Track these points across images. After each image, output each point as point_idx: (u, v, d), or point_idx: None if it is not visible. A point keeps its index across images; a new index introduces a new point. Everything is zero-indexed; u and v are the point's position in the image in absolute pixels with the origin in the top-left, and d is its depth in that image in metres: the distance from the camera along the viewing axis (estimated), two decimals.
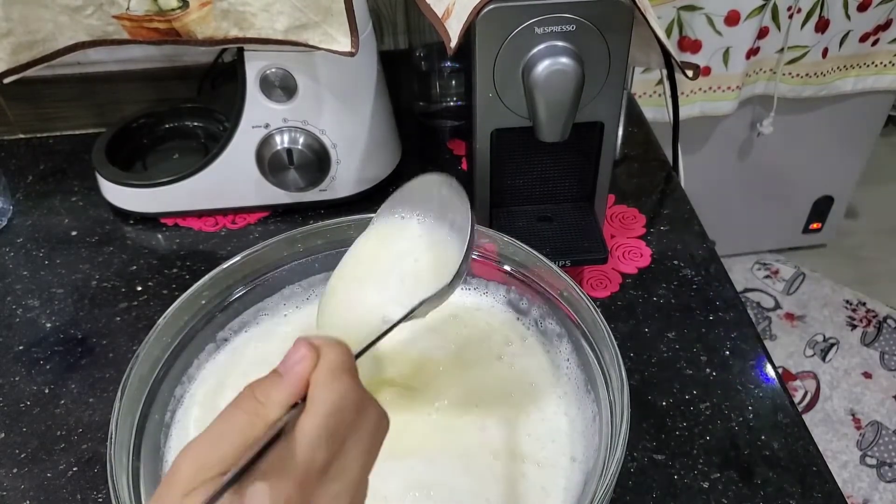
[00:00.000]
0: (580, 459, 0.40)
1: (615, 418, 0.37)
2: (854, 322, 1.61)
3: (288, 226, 0.69)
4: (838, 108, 1.42)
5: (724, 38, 1.20)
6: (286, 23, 0.57)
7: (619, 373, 0.38)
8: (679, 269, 0.63)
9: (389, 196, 0.43)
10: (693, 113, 1.31)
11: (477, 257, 0.48)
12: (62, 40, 0.60)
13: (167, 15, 0.57)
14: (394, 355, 0.45)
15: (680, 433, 0.51)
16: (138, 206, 0.69)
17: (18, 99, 0.79)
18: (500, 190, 0.61)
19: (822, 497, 0.48)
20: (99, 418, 0.54)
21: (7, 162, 0.78)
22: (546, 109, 0.51)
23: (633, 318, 0.59)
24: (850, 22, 1.25)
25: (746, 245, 1.74)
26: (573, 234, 0.60)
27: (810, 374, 1.51)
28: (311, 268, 0.49)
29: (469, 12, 0.49)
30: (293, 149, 0.64)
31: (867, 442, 1.39)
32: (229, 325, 0.47)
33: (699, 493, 0.48)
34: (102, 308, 0.62)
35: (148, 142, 0.74)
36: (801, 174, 1.56)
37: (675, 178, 0.74)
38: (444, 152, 0.78)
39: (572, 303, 0.43)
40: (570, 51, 0.50)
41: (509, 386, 0.45)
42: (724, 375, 0.55)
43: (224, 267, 0.45)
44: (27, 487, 0.49)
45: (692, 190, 0.75)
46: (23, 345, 0.59)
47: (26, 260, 0.67)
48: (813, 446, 0.50)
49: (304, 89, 0.62)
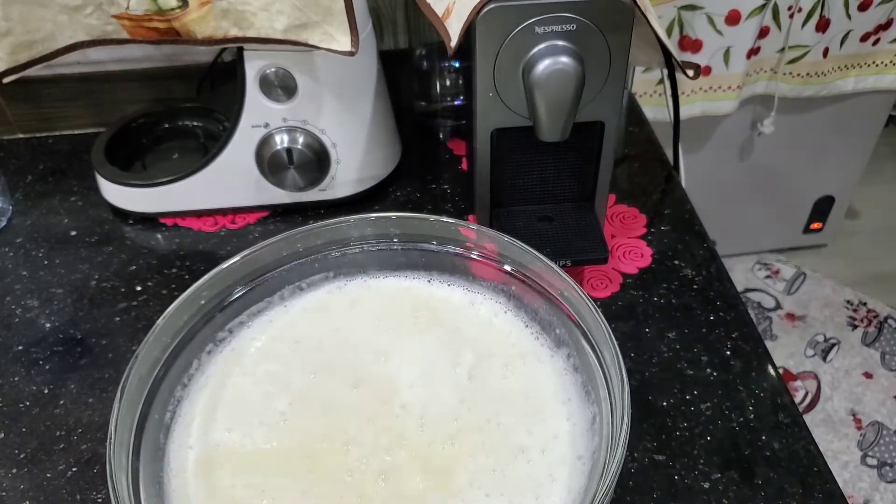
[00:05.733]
0: (585, 458, 0.40)
1: (615, 418, 0.37)
2: (855, 322, 1.61)
3: (288, 226, 0.69)
4: (839, 107, 1.42)
5: (724, 37, 1.20)
6: (286, 22, 0.57)
7: (620, 373, 0.38)
8: (680, 269, 0.63)
9: None
10: (694, 113, 1.31)
11: (477, 257, 0.48)
12: (62, 40, 0.60)
13: (167, 14, 0.57)
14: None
15: (680, 433, 0.51)
16: (138, 206, 0.69)
17: (18, 99, 0.79)
18: (500, 190, 0.61)
19: (823, 497, 0.48)
20: (98, 418, 0.53)
21: (6, 162, 0.78)
22: (546, 109, 0.51)
23: (633, 319, 0.59)
24: (850, 21, 1.24)
25: (747, 245, 1.74)
26: (574, 234, 0.60)
27: (811, 375, 1.51)
28: (311, 268, 0.49)
29: (469, 11, 0.49)
30: (293, 148, 0.64)
31: (868, 442, 1.39)
32: (229, 325, 0.47)
33: (700, 494, 0.48)
34: (102, 308, 0.62)
35: (147, 141, 0.74)
36: (802, 174, 1.56)
37: (676, 177, 0.74)
38: (444, 152, 0.78)
39: (573, 303, 0.43)
40: (571, 50, 0.49)
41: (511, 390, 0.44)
42: (724, 375, 0.55)
43: (223, 267, 0.45)
44: (26, 488, 0.49)
45: (693, 190, 0.75)
46: (22, 345, 0.59)
47: (25, 260, 0.67)
48: (814, 446, 0.50)
49: (304, 89, 0.62)
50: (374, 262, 0.50)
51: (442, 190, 0.73)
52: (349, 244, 0.49)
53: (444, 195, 0.72)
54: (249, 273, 0.47)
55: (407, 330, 0.47)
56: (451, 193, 0.72)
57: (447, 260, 0.49)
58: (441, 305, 0.48)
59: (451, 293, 0.49)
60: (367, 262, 0.50)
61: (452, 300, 0.49)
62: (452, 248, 0.48)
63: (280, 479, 0.39)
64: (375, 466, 0.40)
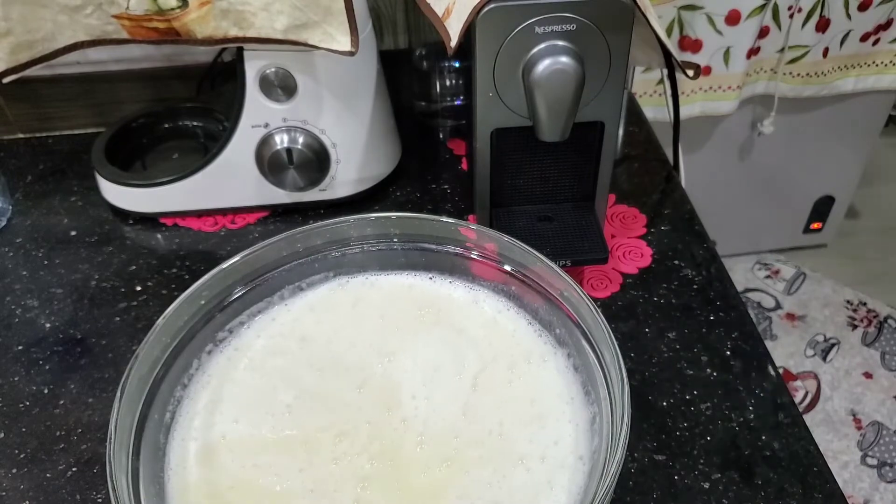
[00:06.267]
0: (586, 458, 0.40)
1: (615, 418, 0.37)
2: (855, 322, 1.61)
3: (288, 226, 0.69)
4: (839, 107, 1.42)
5: (724, 37, 1.20)
6: (286, 22, 0.57)
7: (620, 373, 0.38)
8: (680, 269, 0.63)
9: None
10: (693, 113, 1.31)
11: (477, 257, 0.48)
12: (61, 40, 0.60)
13: (167, 14, 0.57)
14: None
15: (680, 433, 0.51)
16: (138, 206, 0.69)
17: (18, 98, 0.79)
18: (500, 190, 0.61)
19: (823, 497, 0.48)
20: (98, 418, 0.53)
21: (6, 162, 0.78)
22: (546, 109, 0.51)
23: (633, 319, 0.59)
24: (850, 21, 1.24)
25: (747, 245, 1.74)
26: (574, 234, 0.60)
27: (811, 375, 1.51)
28: (311, 268, 0.49)
29: (469, 12, 0.49)
30: (293, 148, 0.64)
31: (868, 442, 1.39)
32: (229, 325, 0.47)
33: (700, 494, 0.48)
34: (102, 308, 0.62)
35: (147, 141, 0.74)
36: (802, 174, 1.56)
37: (676, 177, 0.74)
38: (444, 152, 0.78)
39: (573, 303, 0.43)
40: (571, 50, 0.49)
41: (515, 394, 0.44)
42: (724, 376, 0.55)
43: (223, 267, 0.45)
44: (26, 488, 0.49)
45: (693, 190, 0.75)
46: (22, 345, 0.59)
47: (25, 260, 0.67)
48: (814, 447, 0.50)
49: (304, 89, 0.62)
50: (374, 262, 0.50)
51: (442, 190, 0.73)
52: (349, 244, 0.49)
53: (444, 195, 0.72)
54: (249, 273, 0.47)
55: (412, 328, 0.47)
56: (451, 193, 0.72)
57: (447, 260, 0.49)
58: (445, 304, 0.48)
59: (454, 290, 0.49)
60: (367, 262, 0.50)
61: (456, 298, 0.49)
62: (452, 248, 0.48)
63: (281, 458, 0.40)
64: (358, 472, 0.39)
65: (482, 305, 0.48)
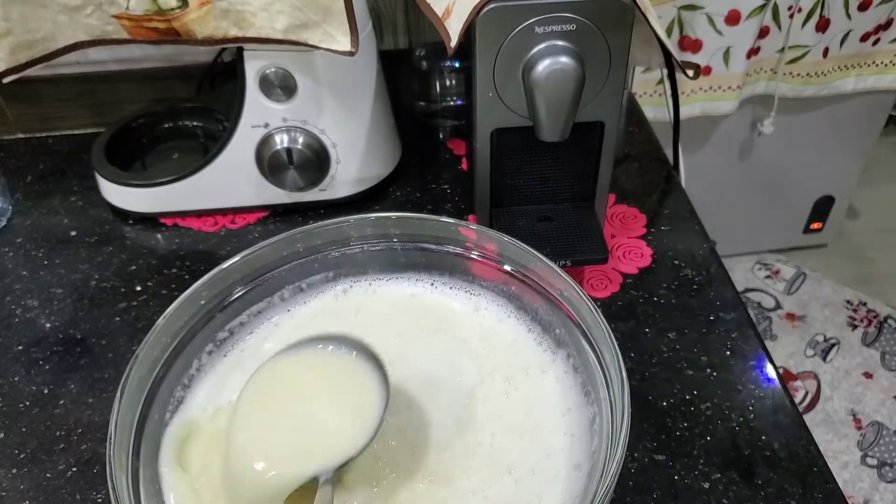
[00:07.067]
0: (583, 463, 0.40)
1: (615, 418, 0.37)
2: (855, 322, 1.61)
3: (288, 226, 0.69)
4: (839, 107, 1.42)
5: (724, 37, 1.20)
6: (286, 22, 0.57)
7: (620, 373, 0.38)
8: (680, 269, 0.63)
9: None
10: (693, 113, 1.31)
11: (477, 257, 0.48)
12: (61, 40, 0.60)
13: (166, 14, 0.57)
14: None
15: (680, 433, 0.51)
16: (138, 206, 0.69)
17: (18, 99, 0.79)
18: (500, 190, 0.61)
19: (823, 497, 0.48)
20: (98, 419, 0.53)
21: (6, 162, 0.78)
22: (546, 109, 0.51)
23: (633, 319, 0.59)
24: (850, 21, 1.24)
25: (747, 245, 1.74)
26: (573, 234, 0.60)
27: (811, 375, 1.51)
28: (311, 268, 0.49)
29: (469, 12, 0.49)
30: (293, 148, 0.64)
31: (868, 442, 1.39)
32: (229, 325, 0.47)
33: (700, 494, 0.48)
34: (102, 308, 0.62)
35: (147, 141, 0.74)
36: (802, 174, 1.56)
37: (676, 177, 0.74)
38: (444, 152, 0.78)
39: (573, 303, 0.43)
40: (571, 50, 0.49)
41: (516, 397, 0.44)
42: (724, 376, 0.55)
43: (223, 267, 0.45)
44: (26, 488, 0.49)
45: (693, 190, 0.75)
46: (22, 345, 0.59)
47: (25, 260, 0.67)
48: (814, 446, 0.50)
49: (304, 89, 0.62)
50: (374, 262, 0.50)
51: (442, 190, 0.73)
52: (349, 244, 0.49)
53: (444, 195, 0.72)
54: (249, 273, 0.47)
55: (412, 337, 0.47)
56: (451, 193, 0.72)
57: (447, 260, 0.49)
58: (446, 313, 0.48)
59: (455, 298, 0.49)
60: (368, 262, 0.50)
61: (456, 307, 0.49)
62: (452, 248, 0.48)
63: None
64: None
65: (482, 314, 0.48)
